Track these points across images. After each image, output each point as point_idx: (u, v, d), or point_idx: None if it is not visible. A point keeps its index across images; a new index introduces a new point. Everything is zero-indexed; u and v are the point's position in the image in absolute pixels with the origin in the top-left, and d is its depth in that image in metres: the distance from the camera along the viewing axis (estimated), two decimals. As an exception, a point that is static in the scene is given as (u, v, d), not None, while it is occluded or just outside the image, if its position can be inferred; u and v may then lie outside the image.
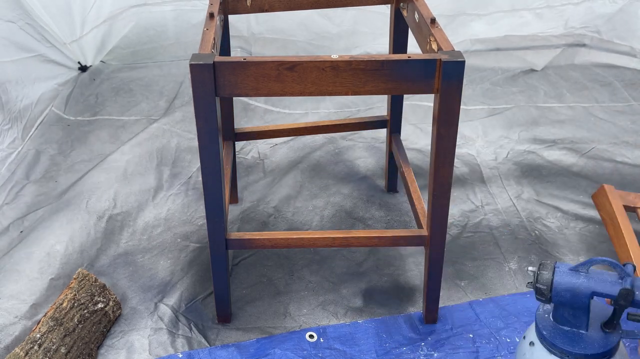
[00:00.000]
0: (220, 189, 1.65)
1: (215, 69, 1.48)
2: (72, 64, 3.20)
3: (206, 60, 1.48)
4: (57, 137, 2.79)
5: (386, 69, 1.51)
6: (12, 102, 2.76)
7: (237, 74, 1.50)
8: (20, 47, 2.86)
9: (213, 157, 1.59)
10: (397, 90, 1.55)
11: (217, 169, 1.62)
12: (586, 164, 2.63)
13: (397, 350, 1.83)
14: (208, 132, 1.55)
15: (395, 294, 2.02)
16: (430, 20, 1.69)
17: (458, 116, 1.57)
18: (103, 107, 3.00)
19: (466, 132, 2.83)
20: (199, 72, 1.47)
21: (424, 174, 2.53)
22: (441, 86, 1.52)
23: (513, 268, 2.11)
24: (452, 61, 1.50)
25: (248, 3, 1.91)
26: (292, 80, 1.52)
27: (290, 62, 1.49)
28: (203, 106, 1.52)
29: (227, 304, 1.90)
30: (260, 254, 2.17)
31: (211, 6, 1.77)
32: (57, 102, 3.01)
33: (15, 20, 2.81)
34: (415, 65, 1.51)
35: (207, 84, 1.49)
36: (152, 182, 2.48)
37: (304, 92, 1.56)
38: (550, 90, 3.20)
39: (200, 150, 1.58)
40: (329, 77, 1.51)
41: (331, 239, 1.81)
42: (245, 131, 2.28)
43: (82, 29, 3.13)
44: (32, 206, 2.38)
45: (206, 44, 1.57)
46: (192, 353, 1.82)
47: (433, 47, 1.63)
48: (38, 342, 1.70)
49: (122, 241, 2.22)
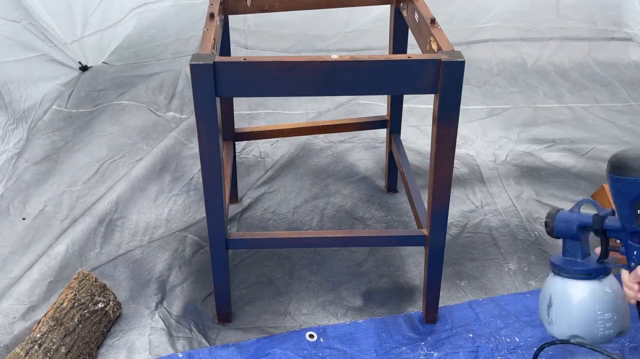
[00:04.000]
0: (220, 189, 1.65)
1: (216, 69, 1.48)
2: (73, 64, 3.20)
3: (206, 60, 1.48)
4: (59, 126, 2.81)
5: (386, 69, 1.51)
6: (15, 102, 2.77)
7: (237, 74, 1.51)
8: (24, 47, 2.87)
9: (213, 157, 1.60)
10: (397, 90, 1.56)
11: (217, 169, 1.62)
12: (586, 165, 2.63)
13: (397, 350, 1.84)
14: (208, 132, 1.56)
15: (395, 294, 2.02)
16: (430, 20, 1.69)
17: (458, 116, 1.57)
18: (105, 99, 3.01)
19: (465, 132, 2.83)
20: (199, 72, 1.48)
21: (424, 175, 2.53)
22: (441, 86, 1.53)
23: (512, 268, 2.11)
24: (452, 61, 1.50)
25: (248, 3, 1.92)
26: (292, 81, 1.52)
27: (291, 63, 1.49)
28: (203, 105, 1.52)
29: (227, 303, 1.90)
30: (260, 254, 2.17)
31: (211, 6, 1.78)
32: (59, 101, 3.01)
33: (19, 20, 2.82)
34: (416, 66, 1.52)
35: (208, 84, 1.49)
36: (154, 183, 2.49)
37: (304, 92, 1.56)
38: (549, 90, 3.21)
39: (201, 150, 1.58)
40: (330, 78, 1.52)
41: (331, 239, 1.81)
42: (245, 131, 2.28)
43: (84, 29, 3.13)
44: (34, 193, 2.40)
45: (206, 44, 1.57)
46: (192, 352, 1.83)
47: (433, 47, 1.63)
48: (38, 342, 1.70)
49: (123, 242, 2.22)
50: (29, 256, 2.14)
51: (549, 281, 1.56)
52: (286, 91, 1.58)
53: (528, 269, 2.11)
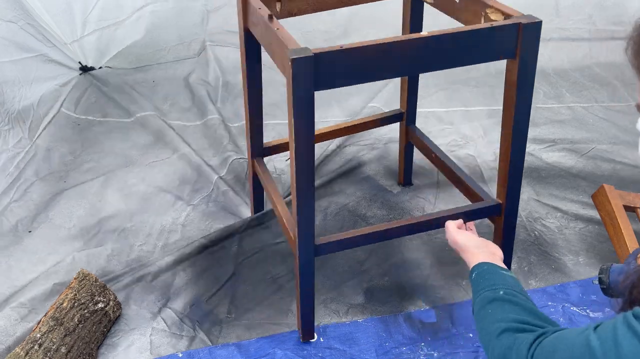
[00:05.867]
0: (312, 194, 1.59)
1: (316, 61, 1.41)
2: (73, 64, 3.20)
3: (305, 53, 1.40)
4: (67, 136, 2.79)
5: (472, 38, 1.54)
6: (9, 102, 2.77)
7: (336, 64, 1.45)
8: (21, 48, 2.87)
9: (307, 157, 1.52)
10: (480, 59, 1.61)
11: (310, 173, 1.55)
12: (586, 165, 2.63)
13: (397, 350, 1.84)
14: (305, 132, 1.48)
15: (396, 293, 2.02)
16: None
17: (534, 78, 1.63)
18: (113, 107, 3.00)
19: (466, 132, 2.84)
20: (300, 66, 1.40)
21: (426, 174, 2.53)
22: (521, 50, 1.56)
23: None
24: (532, 23, 1.54)
25: (277, 8, 1.88)
26: (387, 63, 1.50)
27: (387, 44, 1.47)
28: (302, 102, 1.45)
29: (313, 318, 1.83)
30: (263, 252, 2.17)
31: (260, 10, 1.70)
32: (67, 104, 3.00)
33: (16, 21, 2.82)
34: (498, 32, 1.54)
35: (308, 78, 1.42)
36: (171, 193, 2.48)
37: (397, 73, 1.57)
38: (549, 90, 3.21)
39: (296, 151, 1.50)
40: (421, 55, 1.52)
41: (409, 226, 1.80)
42: (271, 144, 2.21)
43: (83, 29, 3.12)
44: (40, 205, 2.39)
45: (290, 39, 1.49)
46: (192, 352, 1.82)
47: (494, 18, 1.64)
48: (38, 342, 1.70)
49: (136, 244, 2.22)
50: (34, 260, 2.14)
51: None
52: (381, 75, 1.57)
53: (528, 269, 2.11)
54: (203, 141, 2.80)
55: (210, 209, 2.38)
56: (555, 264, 2.14)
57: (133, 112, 2.98)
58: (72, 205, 2.41)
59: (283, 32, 1.54)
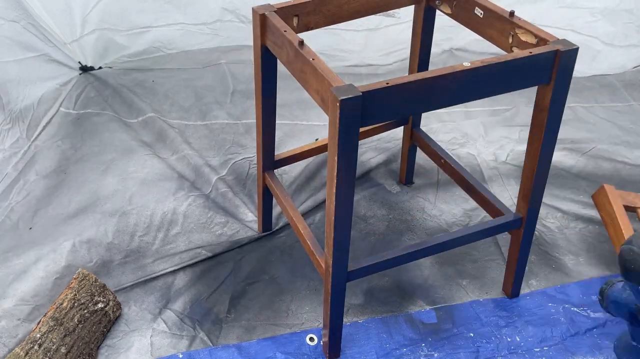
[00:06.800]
0: (349, 227, 1.59)
1: (364, 99, 1.40)
2: (73, 64, 3.19)
3: (354, 93, 1.39)
4: (67, 132, 2.79)
5: (512, 67, 1.53)
6: (13, 102, 2.76)
7: (383, 101, 1.45)
8: (24, 47, 2.86)
9: (348, 196, 1.52)
10: (519, 85, 1.59)
11: (349, 207, 1.55)
12: (586, 164, 2.63)
13: (398, 351, 1.83)
14: (347, 169, 1.47)
15: (396, 293, 2.02)
16: (508, 13, 1.69)
17: (565, 103, 1.64)
18: (112, 105, 2.99)
19: (467, 132, 2.83)
20: (349, 106, 1.38)
21: (427, 173, 2.53)
22: (557, 75, 1.56)
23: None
24: (570, 50, 1.54)
25: (294, 23, 1.86)
26: (431, 95, 1.50)
27: (432, 79, 1.46)
28: (347, 140, 1.43)
29: (340, 340, 1.84)
30: (262, 252, 2.17)
31: (286, 33, 1.65)
32: (67, 102, 3.00)
33: (19, 20, 2.81)
34: (536, 60, 1.54)
35: (356, 117, 1.41)
36: (171, 189, 2.46)
37: (440, 105, 1.54)
38: (550, 90, 3.20)
39: (337, 187, 1.49)
40: (464, 86, 1.52)
41: (435, 246, 1.79)
42: (281, 157, 2.17)
43: (83, 28, 3.12)
44: (41, 201, 2.38)
45: (332, 75, 1.46)
46: (193, 353, 1.82)
47: (524, 39, 1.64)
48: (38, 342, 1.70)
49: (135, 235, 2.21)
50: (33, 253, 2.13)
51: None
52: (424, 107, 1.58)
53: (528, 269, 2.10)
54: (204, 141, 2.79)
55: (210, 204, 2.38)
56: (555, 264, 2.14)
57: (134, 114, 2.97)
58: (72, 194, 2.40)
59: (321, 64, 1.50)
